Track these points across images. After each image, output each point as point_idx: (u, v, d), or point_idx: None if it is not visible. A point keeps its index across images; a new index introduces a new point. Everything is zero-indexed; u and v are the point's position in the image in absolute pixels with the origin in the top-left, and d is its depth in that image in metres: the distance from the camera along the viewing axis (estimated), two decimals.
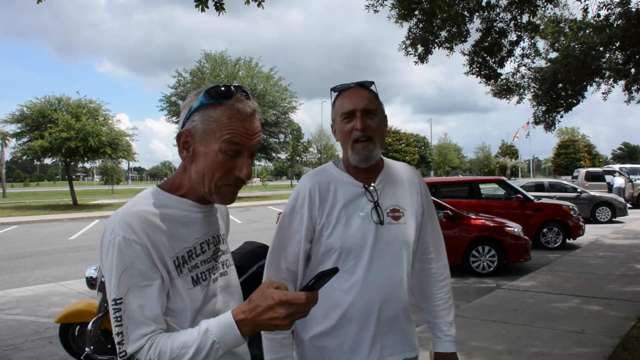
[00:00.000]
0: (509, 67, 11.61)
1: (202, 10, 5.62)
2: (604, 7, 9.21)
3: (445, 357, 1.91)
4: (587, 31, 11.03)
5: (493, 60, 9.58)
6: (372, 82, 1.85)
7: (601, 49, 10.92)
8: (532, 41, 10.50)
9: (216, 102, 1.27)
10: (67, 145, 26.78)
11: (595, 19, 9.76)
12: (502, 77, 10.98)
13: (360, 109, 1.75)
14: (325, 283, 1.20)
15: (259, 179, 79.66)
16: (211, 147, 1.27)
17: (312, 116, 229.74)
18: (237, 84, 1.33)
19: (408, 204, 1.85)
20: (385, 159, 1.90)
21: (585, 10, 9.18)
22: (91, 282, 4.59)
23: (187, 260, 1.31)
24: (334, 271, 1.19)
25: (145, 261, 1.21)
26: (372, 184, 1.81)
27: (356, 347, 1.75)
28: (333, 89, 1.88)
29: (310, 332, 1.80)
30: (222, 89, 1.28)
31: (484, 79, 10.13)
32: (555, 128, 13.53)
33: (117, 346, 1.19)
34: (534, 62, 11.57)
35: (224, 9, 5.76)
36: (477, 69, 9.73)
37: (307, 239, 1.79)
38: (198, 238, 1.35)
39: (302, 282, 1.82)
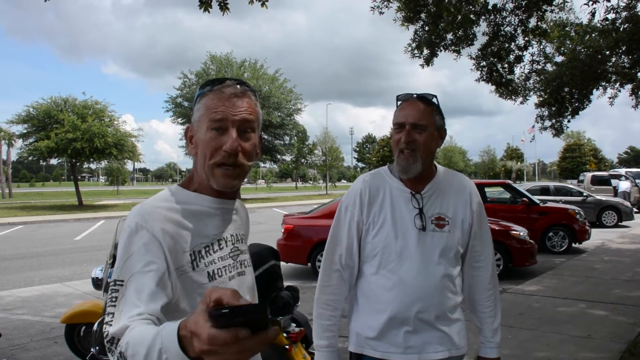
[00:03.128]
0: (517, 71, 11.52)
1: (206, 10, 5.62)
2: (612, 11, 9.17)
3: None
4: (593, 35, 11.00)
5: (502, 66, 9.55)
6: (434, 96, 1.91)
7: (607, 52, 10.88)
8: (541, 46, 10.45)
9: (207, 91, 1.33)
10: (73, 146, 26.87)
11: (601, 22, 9.72)
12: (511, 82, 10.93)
13: (410, 123, 1.84)
14: (263, 319, 0.84)
15: (264, 180, 79.59)
16: (202, 129, 1.32)
17: (317, 118, 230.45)
18: (236, 78, 1.37)
19: (455, 213, 1.92)
20: (440, 167, 2.00)
21: (593, 13, 9.14)
22: (97, 283, 4.60)
23: (204, 255, 1.31)
24: (252, 310, 0.83)
25: (153, 250, 1.21)
26: (420, 192, 1.90)
27: (395, 341, 1.87)
28: (398, 97, 1.95)
29: (357, 323, 1.96)
30: (214, 79, 1.35)
31: (494, 86, 10.11)
32: (563, 133, 13.48)
33: (105, 325, 1.16)
34: (544, 69, 11.53)
35: (228, 9, 5.75)
36: (488, 75, 9.69)
37: (357, 235, 1.93)
38: (216, 234, 1.36)
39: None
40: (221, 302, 0.86)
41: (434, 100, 1.91)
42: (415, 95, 1.90)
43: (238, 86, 1.33)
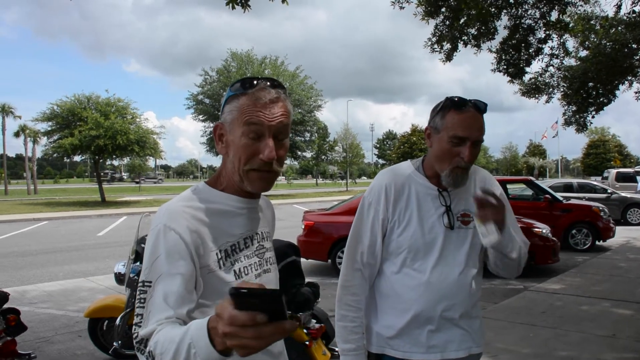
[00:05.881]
0: (537, 65, 11.33)
1: (233, 7, 5.71)
2: (638, 3, 8.97)
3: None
4: (620, 28, 10.77)
5: (521, 58, 9.42)
6: (486, 104, 1.82)
7: (634, 46, 10.66)
8: (562, 40, 10.28)
9: (240, 93, 1.31)
10: (96, 143, 27.24)
11: (628, 15, 9.52)
12: (530, 75, 10.76)
13: (473, 140, 1.75)
14: (270, 307, 0.88)
15: (284, 177, 79.78)
16: (236, 133, 1.30)
17: (337, 115, 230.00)
18: (266, 76, 1.35)
19: None
20: None
21: (619, 6, 8.96)
22: (119, 278, 4.67)
23: (230, 254, 1.33)
24: (270, 295, 0.88)
25: (181, 251, 1.22)
26: (447, 189, 1.85)
27: (417, 340, 1.82)
28: (451, 101, 1.80)
29: (378, 323, 1.90)
30: (246, 80, 1.32)
31: (510, 77, 9.98)
32: (587, 129, 13.25)
33: (134, 326, 1.19)
34: (563, 63, 11.33)
35: (249, 6, 5.82)
36: (505, 67, 9.58)
37: (382, 233, 1.87)
38: (242, 233, 1.38)
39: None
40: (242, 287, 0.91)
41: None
42: (471, 105, 1.78)
43: (273, 90, 1.31)
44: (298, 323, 0.92)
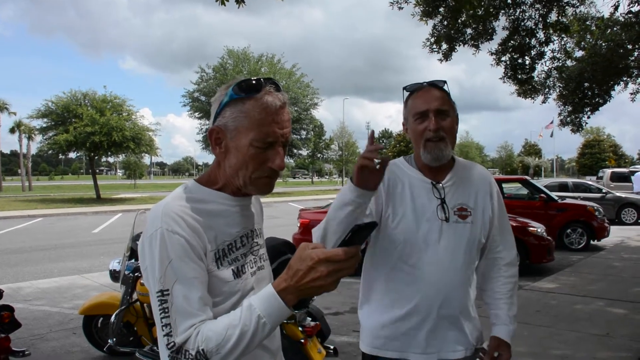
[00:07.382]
0: (538, 69, 11.32)
1: (222, 3, 5.66)
2: (636, 3, 8.98)
3: (500, 344, 1.93)
4: (615, 29, 10.80)
5: (523, 61, 9.43)
6: (445, 82, 1.84)
7: (629, 46, 10.68)
8: (563, 42, 10.29)
9: (245, 96, 1.26)
10: (92, 140, 27.21)
11: (624, 15, 9.53)
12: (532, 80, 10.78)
13: (434, 110, 1.76)
14: (365, 238, 1.13)
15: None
16: (242, 141, 1.27)
17: (333, 113, 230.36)
18: (267, 77, 1.31)
19: (476, 204, 1.86)
20: (457, 158, 1.92)
21: (616, 6, 8.97)
22: (114, 275, 4.65)
23: (228, 253, 1.31)
24: (371, 226, 1.12)
25: (189, 253, 1.21)
26: (441, 182, 1.82)
27: (414, 339, 1.79)
28: (405, 88, 1.87)
29: (371, 321, 1.86)
30: (252, 82, 1.27)
31: (516, 84, 9.99)
32: (582, 130, 13.28)
33: (165, 338, 1.17)
34: (566, 66, 11.35)
35: (243, 2, 5.78)
36: (512, 72, 9.60)
37: None
38: (238, 231, 1.36)
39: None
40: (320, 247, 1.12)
41: (445, 87, 1.84)
42: (425, 84, 1.83)
43: (280, 95, 1.28)
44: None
